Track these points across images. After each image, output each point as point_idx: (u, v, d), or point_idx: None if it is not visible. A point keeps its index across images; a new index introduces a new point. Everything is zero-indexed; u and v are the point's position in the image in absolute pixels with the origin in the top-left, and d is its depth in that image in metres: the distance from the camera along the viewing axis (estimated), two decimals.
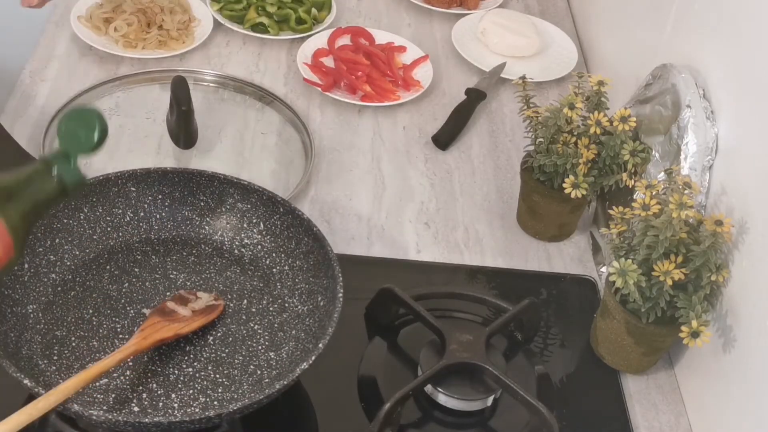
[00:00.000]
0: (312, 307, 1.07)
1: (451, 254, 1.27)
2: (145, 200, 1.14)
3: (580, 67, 1.63)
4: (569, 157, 1.20)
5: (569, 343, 1.17)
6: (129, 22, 1.49)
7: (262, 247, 1.14)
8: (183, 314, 1.04)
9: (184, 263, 1.13)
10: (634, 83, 1.32)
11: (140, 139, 1.34)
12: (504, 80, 1.56)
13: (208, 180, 1.14)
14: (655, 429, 1.11)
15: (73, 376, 0.92)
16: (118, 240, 1.13)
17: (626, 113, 1.17)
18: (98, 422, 0.90)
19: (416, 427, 1.05)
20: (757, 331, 1.00)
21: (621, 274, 1.03)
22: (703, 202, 1.12)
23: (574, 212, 1.29)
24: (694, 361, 1.13)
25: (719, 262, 1.03)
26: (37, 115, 1.35)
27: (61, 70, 1.45)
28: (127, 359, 0.98)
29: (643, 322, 1.06)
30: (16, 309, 1.02)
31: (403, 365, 1.10)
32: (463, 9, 1.73)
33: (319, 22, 1.62)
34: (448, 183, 1.38)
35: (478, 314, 1.17)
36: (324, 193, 1.32)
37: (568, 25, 1.75)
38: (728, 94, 1.12)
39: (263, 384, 1.01)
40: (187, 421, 0.91)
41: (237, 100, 1.44)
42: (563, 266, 1.28)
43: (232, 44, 1.56)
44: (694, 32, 1.24)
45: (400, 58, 1.58)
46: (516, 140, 1.46)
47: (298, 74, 1.50)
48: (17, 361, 0.95)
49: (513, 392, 1.03)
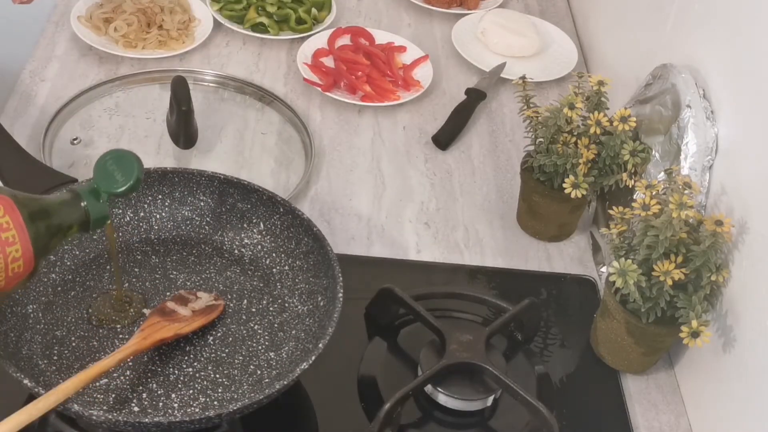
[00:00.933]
0: (312, 307, 1.07)
1: (451, 254, 1.27)
2: (145, 200, 1.14)
3: (580, 67, 1.63)
4: (569, 157, 1.20)
5: (569, 343, 1.17)
6: (129, 22, 1.50)
7: (262, 247, 1.14)
8: (183, 314, 1.04)
9: (184, 263, 1.13)
10: (634, 83, 1.32)
11: (140, 139, 1.34)
12: (504, 80, 1.56)
13: (208, 180, 1.14)
14: (655, 429, 1.11)
15: (73, 376, 0.92)
16: (118, 240, 1.13)
17: (626, 113, 1.17)
18: (98, 422, 0.90)
19: (416, 427, 1.05)
20: (757, 331, 1.00)
21: (621, 274, 1.03)
22: (703, 202, 1.12)
23: (574, 212, 1.29)
24: (694, 361, 1.13)
25: (719, 262, 1.03)
26: (37, 115, 1.35)
27: (61, 70, 1.45)
28: (127, 359, 0.98)
29: (643, 322, 1.06)
30: (16, 309, 1.02)
31: (403, 365, 1.10)
32: (463, 9, 1.73)
33: (319, 22, 1.62)
34: (448, 183, 1.38)
35: (478, 314, 1.17)
36: (324, 193, 1.32)
37: (568, 25, 1.75)
38: (728, 94, 1.12)
39: (263, 384, 1.01)
40: (187, 421, 0.91)
41: (237, 100, 1.44)
42: (563, 266, 1.28)
43: (232, 44, 1.56)
44: (694, 32, 1.24)
45: (400, 58, 1.58)
46: (516, 140, 1.46)
47: (298, 74, 1.50)
48: (17, 361, 0.95)
49: (513, 392, 1.03)
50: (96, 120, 1.36)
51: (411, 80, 1.53)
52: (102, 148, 1.31)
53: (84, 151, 1.30)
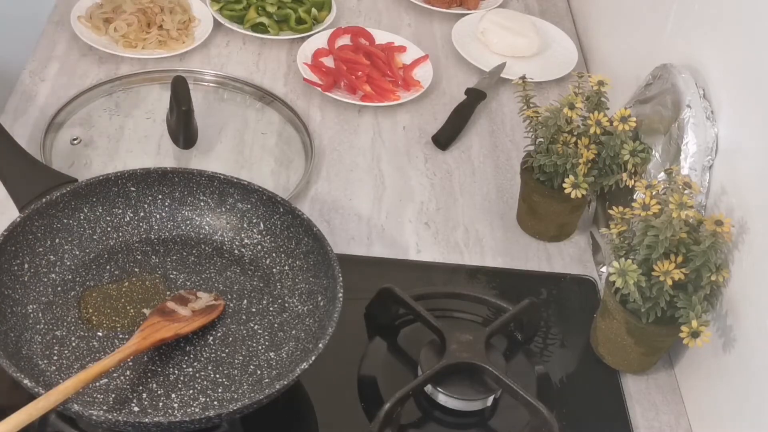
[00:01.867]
0: (312, 307, 1.07)
1: (451, 254, 1.27)
2: (145, 200, 1.14)
3: (580, 67, 1.63)
4: (569, 157, 1.20)
5: (569, 343, 1.17)
6: (129, 22, 1.49)
7: (262, 247, 1.14)
8: (183, 314, 1.04)
9: (184, 263, 1.13)
10: (634, 83, 1.32)
11: (140, 139, 1.34)
12: (504, 80, 1.56)
13: (208, 180, 1.14)
14: (655, 429, 1.11)
15: (73, 376, 0.92)
16: (118, 240, 1.13)
17: (626, 113, 1.17)
18: (98, 422, 0.90)
19: (416, 427, 1.05)
20: (757, 331, 1.00)
21: (621, 274, 1.03)
22: (703, 202, 1.12)
23: (574, 212, 1.29)
24: (694, 361, 1.13)
25: (719, 262, 1.03)
26: (37, 115, 1.35)
27: (61, 70, 1.45)
28: (127, 359, 0.98)
29: (643, 322, 1.06)
30: (16, 309, 1.02)
31: (403, 365, 1.10)
32: (463, 9, 1.73)
33: (319, 22, 1.62)
34: (448, 183, 1.38)
35: (478, 314, 1.17)
36: (324, 193, 1.32)
37: (568, 25, 1.75)
38: (728, 94, 1.12)
39: (263, 384, 1.01)
40: (187, 421, 0.91)
41: (237, 100, 1.44)
42: (563, 266, 1.28)
43: (232, 44, 1.56)
44: (694, 32, 1.24)
45: (400, 58, 1.58)
46: (516, 140, 1.46)
47: (298, 74, 1.50)
48: (17, 361, 0.95)
49: (513, 392, 1.03)
50: (96, 120, 1.36)
51: (411, 80, 1.53)
52: (102, 148, 1.31)
53: (84, 151, 1.30)
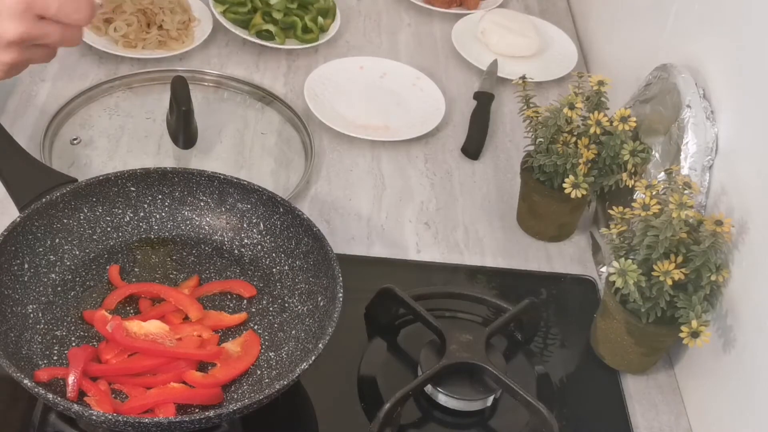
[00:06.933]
0: (312, 307, 1.07)
1: (451, 254, 1.27)
2: (145, 200, 1.14)
3: (580, 67, 1.63)
4: (569, 157, 1.20)
5: (569, 343, 1.17)
6: (129, 23, 1.49)
7: (262, 247, 1.14)
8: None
9: (184, 263, 1.13)
10: (634, 83, 1.32)
11: (140, 139, 1.34)
12: (504, 80, 1.56)
13: (208, 180, 1.14)
14: (655, 429, 1.11)
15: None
16: (118, 240, 1.13)
17: (626, 113, 1.17)
18: (98, 422, 0.90)
19: (416, 427, 1.05)
20: (757, 331, 1.00)
21: (621, 274, 1.03)
22: (703, 202, 1.12)
23: (574, 212, 1.29)
24: (694, 361, 1.13)
25: (719, 262, 1.03)
26: (37, 115, 1.35)
27: (61, 70, 1.45)
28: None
29: (643, 322, 1.06)
30: (16, 309, 1.02)
31: (403, 365, 1.11)
32: (463, 9, 1.73)
33: (324, 30, 1.60)
34: (448, 183, 1.38)
35: (478, 314, 1.17)
36: (324, 193, 1.32)
37: (568, 25, 1.75)
38: (728, 94, 1.12)
39: (263, 384, 1.01)
40: (187, 421, 0.91)
41: (237, 100, 1.44)
42: (563, 266, 1.28)
43: (232, 44, 1.56)
44: (694, 32, 1.24)
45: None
46: (516, 140, 1.46)
47: (298, 74, 1.50)
48: (17, 361, 0.95)
49: (513, 392, 1.03)
50: (96, 120, 1.36)
51: None
52: (102, 148, 1.31)
53: (84, 151, 1.30)
